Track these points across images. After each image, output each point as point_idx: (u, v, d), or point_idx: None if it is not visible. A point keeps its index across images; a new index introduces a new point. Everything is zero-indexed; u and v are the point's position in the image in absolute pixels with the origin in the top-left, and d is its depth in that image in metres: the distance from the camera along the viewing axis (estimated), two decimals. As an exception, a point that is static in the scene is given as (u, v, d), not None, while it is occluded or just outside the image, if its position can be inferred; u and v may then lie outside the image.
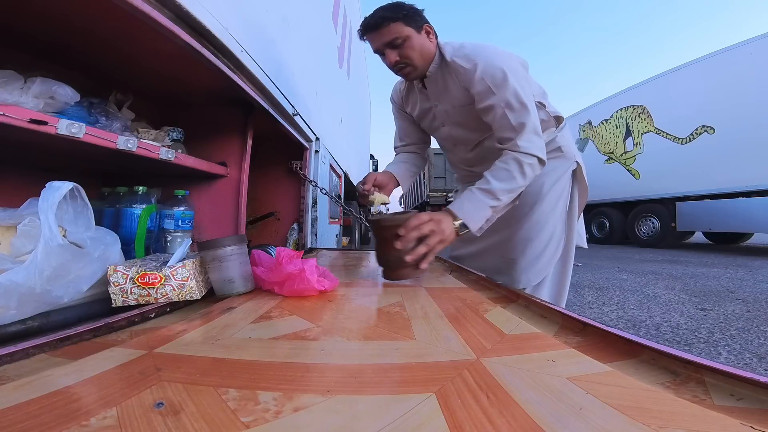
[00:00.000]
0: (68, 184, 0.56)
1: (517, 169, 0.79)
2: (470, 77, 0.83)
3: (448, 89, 0.90)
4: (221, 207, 1.20)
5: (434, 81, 0.92)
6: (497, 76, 0.81)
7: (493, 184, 0.79)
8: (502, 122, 0.82)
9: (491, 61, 0.82)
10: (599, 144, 7.14)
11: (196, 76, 0.96)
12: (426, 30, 0.86)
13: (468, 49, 0.86)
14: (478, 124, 0.91)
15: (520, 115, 0.80)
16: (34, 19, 0.68)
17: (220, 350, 0.41)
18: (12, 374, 0.35)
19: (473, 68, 0.82)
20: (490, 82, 0.81)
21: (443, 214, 0.79)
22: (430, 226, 0.75)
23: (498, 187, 0.78)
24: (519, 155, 0.80)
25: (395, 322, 0.52)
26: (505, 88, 0.80)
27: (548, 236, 0.97)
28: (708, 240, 6.86)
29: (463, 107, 0.91)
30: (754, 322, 1.83)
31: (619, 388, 0.31)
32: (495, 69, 0.81)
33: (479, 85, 0.82)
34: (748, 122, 4.61)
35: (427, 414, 0.28)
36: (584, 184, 1.02)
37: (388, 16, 0.82)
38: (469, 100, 0.88)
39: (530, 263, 0.97)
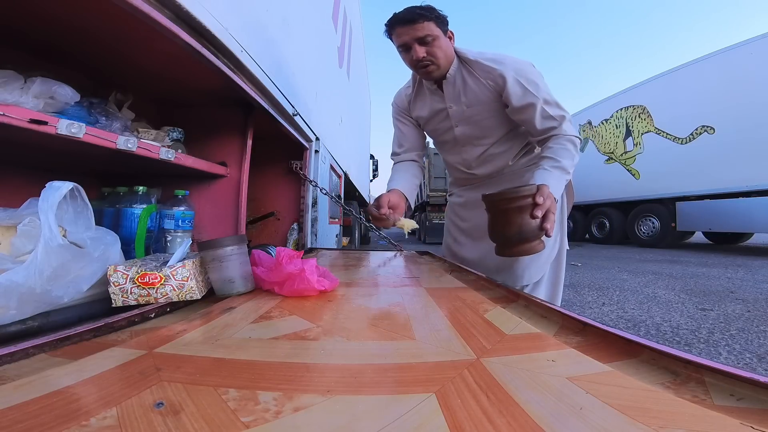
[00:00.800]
0: (68, 184, 0.56)
1: (573, 147, 0.90)
2: (504, 79, 0.90)
3: (467, 90, 0.96)
4: (221, 207, 1.20)
5: (452, 83, 0.97)
6: (530, 78, 0.89)
7: (563, 162, 0.87)
8: (543, 115, 0.90)
9: (519, 65, 0.91)
10: (599, 144, 7.15)
11: (196, 76, 0.96)
12: (449, 35, 0.93)
13: (492, 54, 0.94)
14: (495, 123, 0.99)
15: (557, 109, 0.90)
16: (34, 19, 0.68)
17: (220, 350, 0.41)
18: (12, 374, 0.35)
19: (505, 69, 0.90)
20: (526, 83, 0.89)
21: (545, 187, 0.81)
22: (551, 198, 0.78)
23: (566, 164, 0.87)
24: (570, 137, 0.90)
25: (395, 322, 0.52)
26: (539, 88, 0.89)
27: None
28: (708, 240, 6.86)
29: (484, 106, 0.97)
30: (754, 322, 1.83)
31: (619, 388, 0.31)
32: (526, 72, 0.90)
33: (515, 86, 0.89)
34: (748, 122, 4.62)
35: (427, 414, 0.28)
36: (571, 188, 1.08)
37: (423, 13, 0.87)
38: (494, 101, 0.95)
39: (532, 260, 1.01)
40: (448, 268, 1.03)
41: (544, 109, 0.89)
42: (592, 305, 2.24)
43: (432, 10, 0.89)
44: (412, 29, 0.88)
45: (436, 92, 1.02)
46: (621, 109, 6.66)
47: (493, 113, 0.97)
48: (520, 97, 0.90)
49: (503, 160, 1.05)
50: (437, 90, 1.01)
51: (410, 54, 0.91)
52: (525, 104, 0.90)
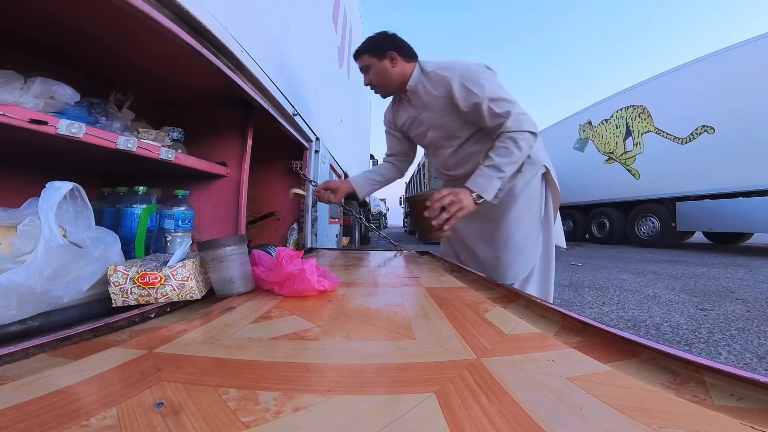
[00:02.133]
0: (68, 184, 0.56)
1: (512, 144, 0.92)
2: (451, 84, 0.98)
3: (428, 97, 1.05)
4: (221, 207, 1.20)
5: (415, 93, 1.08)
6: (475, 79, 0.96)
7: (496, 160, 0.93)
8: (490, 114, 0.95)
9: (466, 69, 0.98)
10: (599, 144, 7.14)
11: (197, 76, 0.96)
12: (390, 57, 1.04)
13: (445, 62, 1.04)
14: (458, 126, 1.06)
15: (504, 105, 0.94)
16: (34, 19, 0.68)
17: (220, 350, 0.41)
18: (12, 374, 0.35)
19: (452, 76, 0.98)
20: (471, 85, 0.96)
21: (462, 189, 0.94)
22: (450, 198, 0.91)
23: (500, 161, 0.93)
24: (512, 134, 0.93)
25: (395, 322, 0.52)
26: (484, 87, 0.95)
27: (526, 233, 1.09)
28: (708, 240, 6.86)
29: (443, 112, 1.05)
30: (754, 322, 1.83)
31: (619, 388, 0.31)
32: (472, 74, 0.97)
33: (462, 90, 0.97)
34: (748, 122, 4.61)
35: (427, 414, 0.28)
36: (555, 187, 1.13)
37: (361, 48, 1.06)
38: (449, 105, 1.02)
39: (513, 258, 1.08)
40: (448, 268, 1.03)
41: (491, 108, 0.94)
42: (592, 305, 2.24)
43: (368, 42, 1.06)
44: (359, 61, 1.08)
45: (408, 102, 1.13)
46: (621, 109, 6.65)
47: (453, 116, 1.05)
48: (466, 100, 0.97)
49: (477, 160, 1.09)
50: (408, 100, 1.12)
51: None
52: (471, 105, 0.97)
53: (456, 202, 0.91)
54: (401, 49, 1.06)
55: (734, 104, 4.80)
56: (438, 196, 0.92)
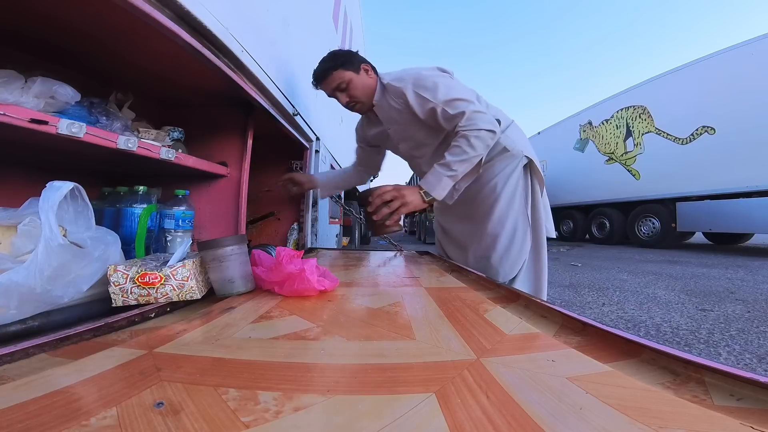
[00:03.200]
0: (69, 183, 0.56)
1: (465, 143, 0.91)
2: (405, 94, 0.97)
3: (393, 111, 1.04)
4: (221, 207, 1.20)
5: (381, 108, 1.06)
6: (427, 85, 0.95)
7: (448, 158, 0.92)
8: (444, 117, 0.95)
9: (417, 75, 0.97)
10: (600, 144, 7.14)
11: (197, 76, 0.96)
12: (364, 68, 1.02)
13: (398, 73, 1.02)
14: (424, 134, 1.05)
15: (458, 105, 0.93)
16: (34, 18, 0.68)
17: (220, 350, 0.41)
18: (12, 374, 0.35)
19: (406, 86, 0.97)
20: (423, 92, 0.95)
21: (410, 186, 0.95)
22: (392, 193, 0.92)
23: (451, 160, 0.92)
24: (464, 132, 0.92)
25: (395, 322, 0.52)
26: (437, 91, 0.94)
27: (512, 230, 1.07)
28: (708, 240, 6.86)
29: (408, 122, 1.04)
30: (754, 322, 1.83)
31: (619, 388, 0.31)
32: (423, 81, 0.96)
33: (415, 98, 0.96)
34: (749, 122, 4.61)
35: (427, 414, 0.28)
36: (540, 176, 1.09)
37: (329, 66, 1.00)
38: (411, 115, 1.00)
39: (502, 257, 1.07)
40: (448, 268, 1.03)
41: (445, 110, 0.93)
42: (592, 305, 2.24)
43: (336, 58, 1.00)
44: (327, 83, 1.02)
45: (375, 118, 1.12)
46: (621, 110, 6.65)
47: (418, 126, 1.03)
48: (422, 107, 0.96)
49: None
50: (375, 116, 1.11)
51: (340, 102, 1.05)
52: (427, 111, 0.96)
53: (398, 197, 0.91)
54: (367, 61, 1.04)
55: (735, 105, 4.80)
56: (379, 192, 0.92)
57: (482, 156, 0.94)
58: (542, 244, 1.10)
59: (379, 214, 0.92)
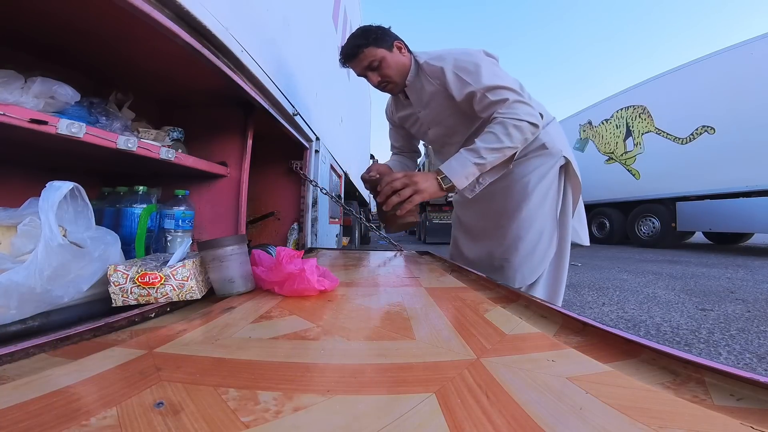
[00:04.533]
0: (68, 183, 0.56)
1: (501, 130, 0.82)
2: (444, 75, 0.90)
3: (425, 93, 0.97)
4: (221, 207, 1.20)
5: (413, 89, 0.99)
6: (468, 68, 0.87)
7: (477, 143, 0.83)
8: (483, 103, 0.87)
9: (459, 57, 0.89)
10: (599, 144, 7.14)
11: (197, 76, 0.96)
12: (397, 46, 0.94)
13: (438, 52, 0.94)
14: (459, 120, 0.97)
15: (499, 93, 0.85)
16: (34, 18, 0.68)
17: (220, 350, 0.41)
18: (12, 374, 0.35)
19: (445, 66, 0.89)
20: (464, 75, 0.87)
21: (424, 173, 0.86)
22: (403, 180, 0.83)
23: (481, 146, 0.82)
24: (503, 119, 0.83)
25: (395, 322, 0.52)
26: (479, 75, 0.86)
27: (538, 233, 0.98)
28: (708, 240, 6.86)
29: (442, 105, 0.96)
30: (754, 322, 1.83)
31: (619, 388, 0.31)
32: (465, 63, 0.88)
33: (455, 80, 0.89)
34: (749, 122, 4.61)
35: (427, 414, 0.28)
36: (577, 180, 1.01)
37: (360, 43, 0.91)
38: (446, 98, 0.93)
39: (523, 261, 0.98)
40: (448, 268, 1.03)
41: (486, 96, 0.86)
42: (592, 305, 2.24)
43: (368, 34, 0.91)
44: (358, 62, 0.93)
45: (405, 101, 1.05)
46: (621, 109, 6.65)
47: (452, 111, 0.96)
48: (460, 90, 0.89)
49: None
50: (405, 98, 1.04)
51: (370, 81, 0.96)
52: (465, 95, 0.88)
53: (409, 184, 0.81)
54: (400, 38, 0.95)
55: (734, 104, 4.80)
56: (387, 180, 0.83)
57: (518, 149, 0.85)
58: (566, 255, 1.02)
59: (388, 204, 0.82)
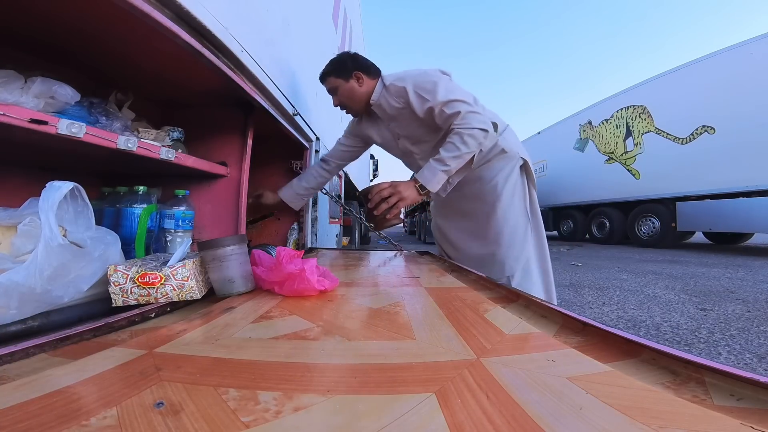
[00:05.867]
0: (68, 183, 0.56)
1: (458, 140, 0.97)
2: (407, 93, 1.04)
3: (392, 109, 1.11)
4: (221, 207, 1.20)
5: (379, 106, 1.13)
6: (426, 87, 1.02)
7: (442, 153, 0.98)
8: (442, 117, 1.01)
9: (418, 77, 1.04)
10: (599, 144, 7.14)
11: (197, 76, 0.96)
12: (356, 76, 1.11)
13: (399, 74, 1.10)
14: (424, 132, 1.12)
15: (455, 107, 0.99)
16: (34, 19, 0.68)
17: (220, 350, 0.41)
18: (12, 374, 0.35)
19: (407, 86, 1.04)
20: (423, 93, 1.02)
21: (405, 181, 1.02)
22: (389, 190, 1.00)
23: (445, 156, 0.98)
24: (458, 129, 0.98)
25: (395, 322, 0.52)
26: (436, 93, 1.00)
27: (514, 225, 1.15)
28: (708, 240, 6.86)
29: (409, 119, 1.10)
30: (754, 322, 1.83)
31: (619, 388, 0.31)
32: (424, 82, 1.03)
33: (416, 98, 1.03)
34: (749, 122, 4.61)
35: (427, 414, 0.28)
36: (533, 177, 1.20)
37: (326, 71, 1.13)
38: (411, 113, 1.07)
39: (506, 252, 1.14)
40: (448, 268, 1.03)
41: (443, 110, 1.00)
42: (592, 305, 2.24)
43: (333, 65, 1.12)
44: (326, 84, 1.15)
45: (374, 116, 1.20)
46: (621, 109, 6.65)
47: (417, 123, 1.10)
48: (421, 106, 1.03)
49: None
50: (375, 114, 1.18)
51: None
52: (426, 110, 1.03)
53: (395, 193, 0.99)
54: (364, 67, 1.11)
55: (734, 104, 4.80)
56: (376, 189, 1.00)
57: (474, 153, 1.00)
58: (545, 241, 1.18)
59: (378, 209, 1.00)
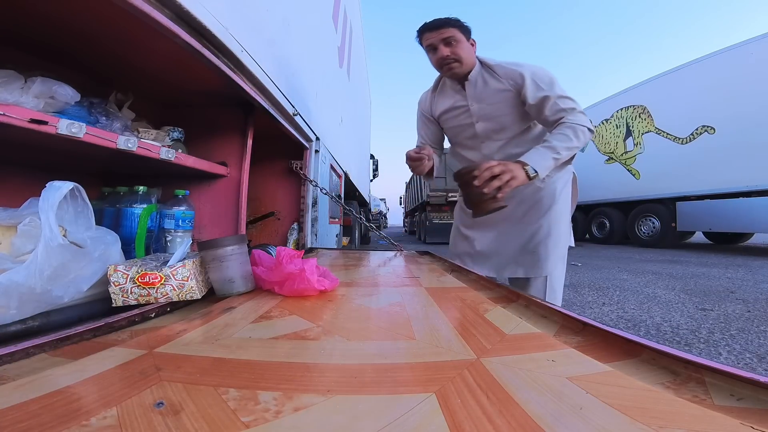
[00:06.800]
0: (69, 184, 0.56)
1: (571, 132, 0.97)
2: (523, 77, 1.03)
3: (488, 89, 1.09)
4: (221, 207, 1.20)
5: (474, 84, 1.10)
6: (545, 80, 1.03)
7: (554, 142, 0.97)
8: (554, 108, 1.01)
9: (536, 69, 1.05)
10: (599, 144, 7.14)
11: (197, 76, 0.96)
12: (471, 42, 1.08)
13: (511, 61, 1.09)
14: (514, 119, 1.11)
15: (568, 103, 1.01)
16: (34, 19, 0.68)
17: (220, 350, 0.41)
18: (12, 374, 0.35)
19: (524, 71, 1.04)
20: (541, 83, 1.02)
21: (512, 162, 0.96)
22: (500, 167, 0.93)
23: (558, 145, 0.96)
24: (572, 124, 0.98)
25: (395, 322, 0.52)
26: (554, 86, 1.02)
27: (562, 230, 1.15)
28: (708, 240, 6.86)
29: (504, 103, 1.09)
30: (754, 322, 1.83)
31: (619, 388, 0.31)
32: (543, 74, 1.04)
33: (532, 86, 1.03)
34: (748, 122, 4.61)
35: (427, 414, 0.28)
36: (575, 190, 1.20)
37: (449, 20, 1.06)
38: (511, 98, 1.07)
39: (549, 253, 1.14)
40: (448, 268, 1.03)
41: (556, 103, 1.00)
42: (592, 305, 2.24)
43: (457, 20, 1.06)
44: (438, 33, 1.05)
45: (459, 91, 1.14)
46: (621, 109, 6.65)
47: (511, 109, 1.09)
48: (536, 93, 1.02)
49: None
50: (460, 89, 1.14)
51: (436, 54, 1.06)
52: (540, 98, 1.02)
53: (507, 171, 0.92)
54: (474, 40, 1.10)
55: (734, 104, 4.81)
56: (485, 166, 0.93)
57: (579, 149, 1.01)
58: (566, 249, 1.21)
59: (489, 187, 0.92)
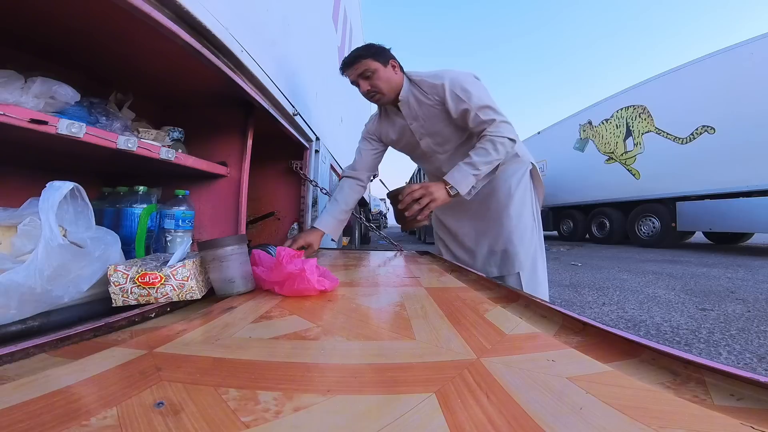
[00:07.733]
0: (69, 184, 0.56)
1: (491, 146, 1.00)
2: (442, 92, 1.04)
3: (420, 106, 1.10)
4: (221, 207, 1.20)
5: (407, 104, 1.11)
6: (464, 87, 1.02)
7: (474, 158, 1.01)
8: (476, 121, 1.03)
9: (455, 77, 1.04)
10: (599, 144, 7.14)
11: (197, 76, 0.96)
12: (392, 64, 1.07)
13: (435, 71, 1.09)
14: (450, 131, 1.13)
15: (489, 113, 1.02)
16: (34, 19, 0.68)
17: (220, 350, 0.41)
18: (12, 374, 0.35)
19: (443, 84, 1.04)
20: (461, 93, 1.02)
21: (436, 182, 1.03)
22: (421, 191, 1.01)
23: (477, 160, 1.00)
24: (492, 137, 1.00)
25: (395, 322, 0.52)
26: (472, 95, 1.02)
27: (525, 225, 1.19)
28: (708, 240, 6.85)
29: (436, 118, 1.11)
30: (754, 322, 1.83)
31: (619, 388, 0.31)
32: (460, 82, 1.03)
33: (452, 98, 1.03)
34: (749, 122, 4.61)
35: (427, 414, 0.28)
36: (540, 182, 1.24)
37: (361, 54, 1.05)
38: (442, 112, 1.08)
39: (517, 248, 1.17)
40: (448, 268, 1.03)
41: (477, 115, 1.02)
42: (592, 305, 2.24)
43: (369, 48, 1.05)
44: (354, 69, 1.06)
45: (398, 114, 1.16)
46: (621, 109, 6.65)
47: (445, 122, 1.10)
48: (457, 107, 1.04)
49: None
50: (398, 112, 1.15)
51: (360, 89, 1.09)
52: (460, 111, 1.04)
53: (427, 194, 1.00)
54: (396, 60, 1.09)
55: (734, 104, 4.80)
56: (409, 190, 1.01)
57: (502, 160, 1.04)
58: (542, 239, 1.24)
59: (410, 211, 1.01)
